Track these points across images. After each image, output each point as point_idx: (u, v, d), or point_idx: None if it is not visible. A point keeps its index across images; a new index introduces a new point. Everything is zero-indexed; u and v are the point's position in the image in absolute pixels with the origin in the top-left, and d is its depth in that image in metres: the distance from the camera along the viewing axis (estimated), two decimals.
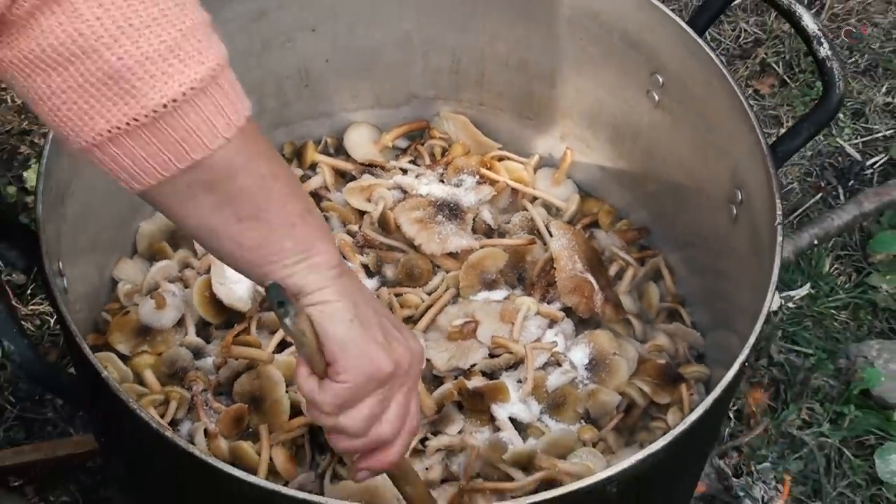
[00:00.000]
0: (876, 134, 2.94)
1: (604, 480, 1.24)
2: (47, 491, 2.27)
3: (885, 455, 2.43)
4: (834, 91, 1.56)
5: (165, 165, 0.99)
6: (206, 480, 1.24)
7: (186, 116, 0.97)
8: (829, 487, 2.38)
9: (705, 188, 1.70)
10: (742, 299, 1.60)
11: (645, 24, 1.69)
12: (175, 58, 0.95)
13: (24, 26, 0.92)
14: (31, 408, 2.40)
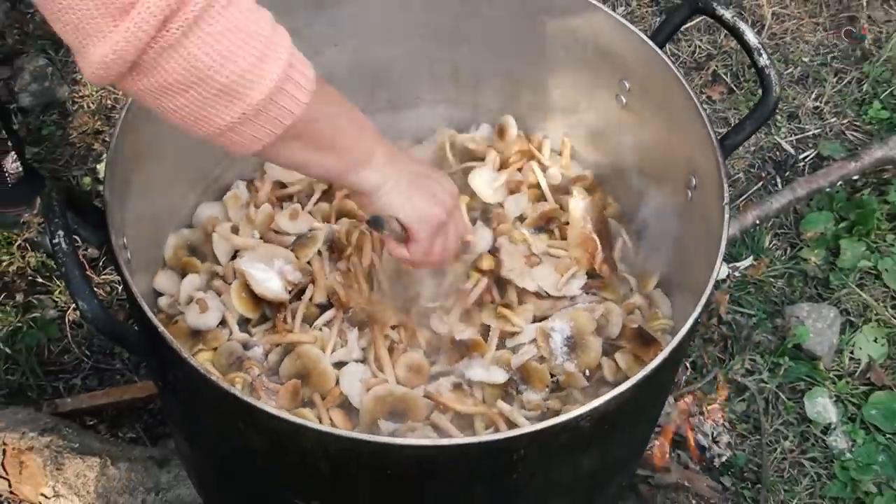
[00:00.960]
0: (807, 133, 2.93)
1: (577, 417, 1.23)
2: (116, 428, 2.29)
3: (813, 398, 2.43)
4: (771, 94, 1.55)
5: (268, 135, 1.13)
6: (244, 417, 1.24)
7: (278, 99, 1.10)
8: (766, 425, 2.38)
9: (666, 175, 1.69)
10: (696, 268, 1.59)
11: (615, 39, 1.67)
12: (263, 63, 1.07)
13: (151, 67, 1.03)
14: (102, 360, 2.41)
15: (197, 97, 1.06)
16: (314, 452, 1.26)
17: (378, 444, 1.21)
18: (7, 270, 2.52)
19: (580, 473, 1.43)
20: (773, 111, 1.57)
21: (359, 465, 1.27)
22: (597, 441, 1.35)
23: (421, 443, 1.20)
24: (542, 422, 1.22)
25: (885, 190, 2.78)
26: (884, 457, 2.35)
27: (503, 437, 1.22)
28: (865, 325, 2.55)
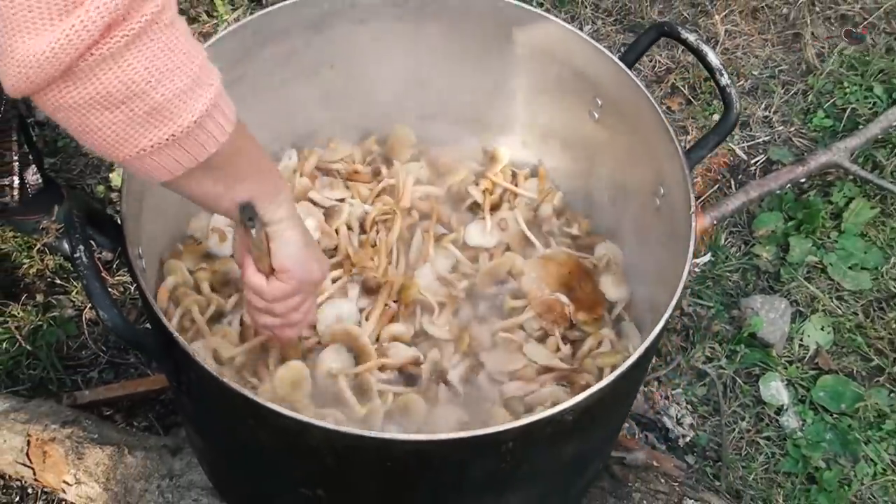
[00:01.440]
0: (757, 139, 2.92)
1: (561, 411, 1.22)
2: (131, 418, 2.26)
3: (767, 382, 2.43)
4: (732, 110, 1.54)
5: (190, 161, 1.03)
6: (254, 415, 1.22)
7: (206, 125, 1.01)
8: (725, 407, 2.37)
9: (635, 184, 1.67)
10: (662, 265, 1.59)
11: (588, 60, 1.66)
12: (198, 87, 0.98)
13: (86, 76, 0.91)
14: (117, 355, 2.38)
15: (127, 114, 0.95)
16: (320, 447, 1.24)
17: (380, 440, 1.20)
18: (28, 273, 2.48)
19: (563, 460, 1.42)
20: (734, 126, 1.56)
21: (361, 458, 1.25)
22: (578, 432, 1.34)
23: (419, 438, 1.18)
24: (528, 417, 1.21)
25: (829, 191, 2.78)
26: (831, 435, 2.36)
27: (493, 431, 1.20)
28: (813, 314, 2.55)
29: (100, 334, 2.40)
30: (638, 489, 1.86)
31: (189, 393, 1.36)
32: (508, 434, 1.21)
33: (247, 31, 1.59)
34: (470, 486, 1.33)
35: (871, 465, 2.32)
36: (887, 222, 2.75)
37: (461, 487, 1.34)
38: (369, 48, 1.76)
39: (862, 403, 2.39)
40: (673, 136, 1.52)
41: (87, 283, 1.19)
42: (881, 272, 2.66)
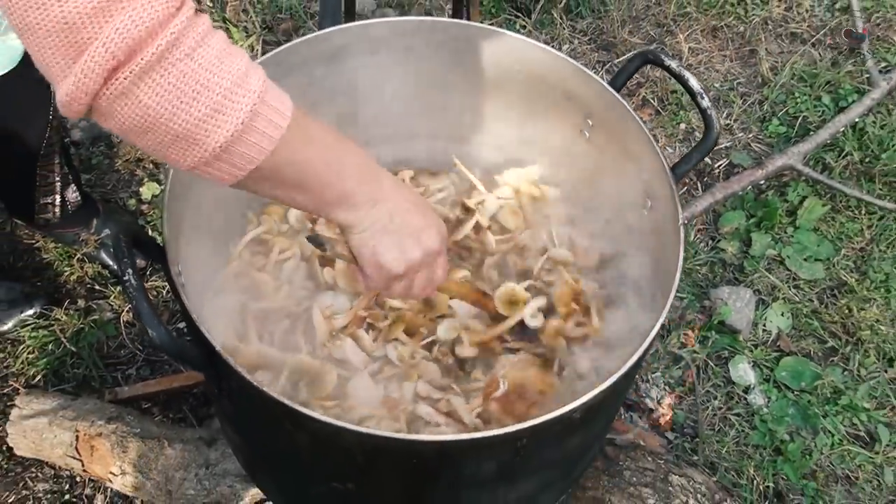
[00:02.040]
0: (720, 146, 2.90)
1: (571, 410, 1.19)
2: (167, 410, 2.22)
3: (735, 364, 2.42)
4: (713, 130, 1.50)
5: (234, 175, 0.98)
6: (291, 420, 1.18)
7: (238, 146, 0.95)
8: (699, 388, 2.35)
9: (623, 196, 1.64)
10: (646, 271, 1.56)
11: (580, 84, 1.62)
12: (219, 115, 0.92)
13: (108, 111, 0.89)
14: (153, 353, 2.35)
15: (156, 140, 0.92)
16: (352, 448, 1.20)
17: (406, 441, 1.17)
18: (69, 280, 2.43)
19: (569, 450, 1.39)
20: (714, 144, 1.52)
21: (389, 457, 1.22)
22: (583, 425, 1.32)
23: (443, 438, 1.15)
24: (541, 416, 1.18)
25: (784, 191, 2.76)
26: (793, 410, 2.34)
27: (510, 430, 1.16)
28: (774, 302, 2.53)
29: (136, 334, 2.35)
30: (628, 467, 1.84)
31: (230, 398, 1.32)
32: (523, 432, 1.17)
33: (270, 64, 1.54)
34: (486, 477, 1.30)
35: (829, 437, 2.31)
36: (836, 218, 2.73)
37: (478, 479, 1.30)
38: (379, 76, 1.72)
39: (820, 381, 2.38)
40: (660, 154, 1.49)
41: (136, 304, 1.15)
42: (832, 263, 2.64)
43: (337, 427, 1.15)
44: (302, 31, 2.99)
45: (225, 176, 0.98)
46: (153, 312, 1.15)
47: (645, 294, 1.55)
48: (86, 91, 0.86)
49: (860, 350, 2.46)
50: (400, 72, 1.73)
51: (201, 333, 1.22)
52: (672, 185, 1.44)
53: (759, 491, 2.18)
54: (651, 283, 1.53)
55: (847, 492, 2.24)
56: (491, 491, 1.36)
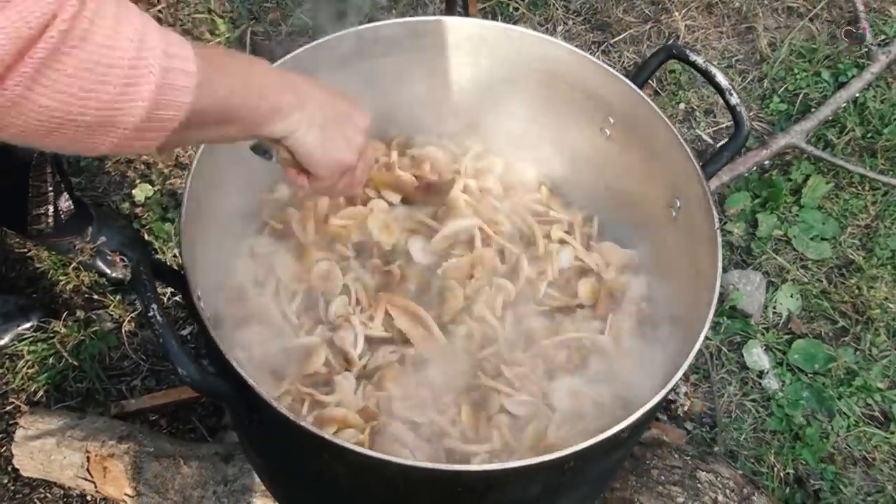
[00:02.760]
0: (721, 125, 2.86)
1: (618, 431, 1.16)
2: (176, 422, 2.17)
3: (749, 349, 2.39)
4: (743, 128, 1.47)
5: (157, 138, 0.90)
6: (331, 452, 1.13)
7: (158, 113, 0.87)
8: (714, 374, 2.33)
9: (648, 196, 1.59)
10: (681, 278, 1.52)
11: (599, 82, 1.57)
12: (130, 87, 0.83)
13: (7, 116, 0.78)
14: (157, 362, 2.28)
15: (66, 137, 0.82)
16: (395, 478, 1.16)
17: (454, 472, 1.13)
18: (65, 289, 2.36)
19: (610, 464, 1.36)
20: (744, 142, 1.49)
21: (433, 486, 1.18)
22: (625, 441, 1.28)
23: (492, 468, 1.11)
24: (589, 440, 1.15)
25: (788, 170, 2.72)
26: (808, 392, 2.33)
27: (560, 455, 1.13)
28: (783, 284, 2.51)
29: (139, 344, 2.29)
30: (655, 465, 1.81)
31: (261, 427, 1.27)
32: (572, 456, 1.14)
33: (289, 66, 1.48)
34: (530, 499, 1.27)
35: (844, 419, 2.30)
36: (840, 195, 2.71)
37: (522, 500, 1.27)
38: (391, 78, 1.65)
39: (833, 363, 2.36)
40: (689, 153, 1.44)
41: (163, 341, 1.10)
42: (839, 241, 2.62)
43: (381, 461, 1.10)
44: (290, 20, 2.90)
45: (148, 143, 0.90)
46: (183, 350, 1.09)
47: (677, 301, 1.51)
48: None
49: (871, 329, 2.45)
50: (411, 73, 1.67)
51: (231, 366, 1.16)
52: (706, 188, 1.40)
53: (779, 478, 2.17)
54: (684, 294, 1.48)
55: (865, 473, 2.23)
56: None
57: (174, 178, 2.58)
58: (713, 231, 1.35)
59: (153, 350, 2.29)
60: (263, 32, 2.88)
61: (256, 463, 1.56)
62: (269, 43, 2.87)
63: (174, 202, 2.52)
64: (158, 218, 2.49)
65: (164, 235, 2.45)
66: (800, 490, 2.18)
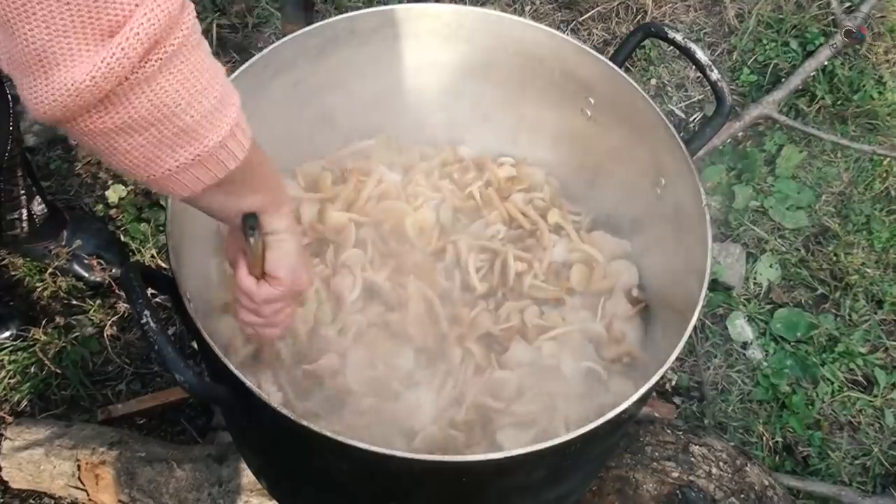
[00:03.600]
0: (693, 99, 2.87)
1: (621, 412, 1.16)
2: (164, 424, 2.15)
3: (733, 321, 2.42)
4: (725, 103, 1.46)
5: (211, 178, 0.94)
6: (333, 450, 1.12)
7: (228, 144, 0.91)
8: (699, 348, 2.35)
9: (633, 176, 1.59)
10: (668, 256, 1.53)
11: (579, 63, 1.56)
12: (223, 106, 0.89)
13: (120, 102, 0.81)
14: (141, 365, 2.26)
15: (156, 136, 0.85)
16: (399, 472, 1.16)
17: (462, 462, 1.12)
18: (43, 296, 2.32)
19: (612, 444, 1.37)
20: (727, 118, 1.48)
21: (439, 477, 1.18)
22: (625, 423, 1.29)
23: (498, 456, 1.11)
24: (592, 423, 1.15)
25: (762, 141, 2.75)
26: (791, 361, 2.36)
27: (564, 440, 1.13)
28: (762, 254, 2.53)
29: (122, 348, 2.26)
30: (649, 442, 1.82)
31: (259, 428, 1.26)
32: (577, 439, 1.14)
33: (258, 65, 1.45)
34: (534, 483, 1.27)
35: (828, 385, 2.33)
36: (814, 164, 2.73)
37: (526, 486, 1.27)
38: (368, 68, 1.64)
39: (815, 331, 2.39)
40: (672, 131, 1.44)
41: (159, 348, 1.08)
42: (814, 209, 2.65)
43: (386, 456, 1.10)
44: (255, 12, 2.86)
45: (196, 182, 0.93)
46: (180, 357, 1.08)
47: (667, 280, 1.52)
48: (118, 74, 0.77)
49: (849, 295, 2.48)
50: (388, 62, 1.65)
51: (228, 368, 1.15)
52: (691, 165, 1.40)
53: (768, 447, 2.19)
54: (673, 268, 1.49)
55: (851, 437, 2.27)
56: (536, 493, 1.33)
57: None
58: (700, 208, 1.35)
59: (137, 353, 2.26)
60: (229, 25, 2.85)
61: (254, 464, 1.55)
62: (236, 36, 2.84)
63: (149, 202, 2.49)
64: (134, 219, 2.46)
65: (141, 236, 2.42)
66: (789, 457, 2.21)
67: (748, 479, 1.81)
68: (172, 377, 1.07)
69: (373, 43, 1.59)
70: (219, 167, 0.93)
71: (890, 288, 2.49)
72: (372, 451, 1.10)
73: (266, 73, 1.49)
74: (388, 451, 1.10)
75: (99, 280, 2.31)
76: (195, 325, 1.18)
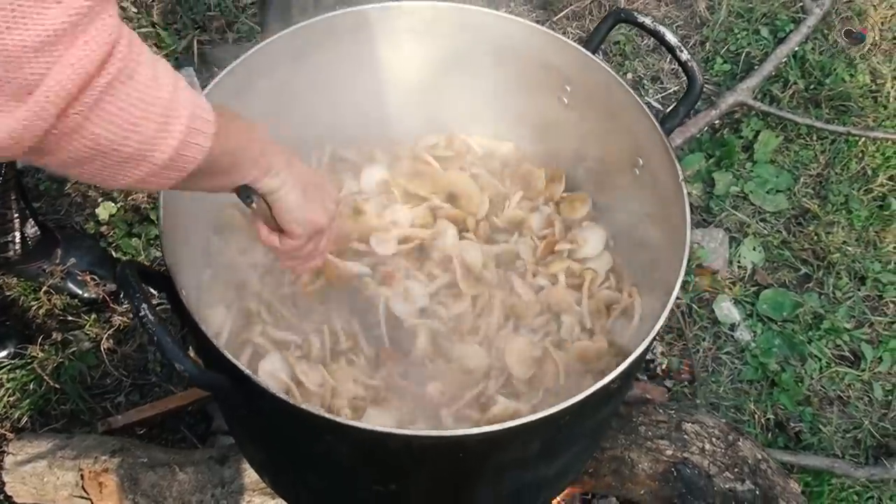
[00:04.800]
0: (669, 90, 2.92)
1: (609, 381, 1.19)
2: (165, 433, 2.17)
3: (719, 304, 2.45)
4: (696, 83, 1.51)
5: (175, 178, 0.98)
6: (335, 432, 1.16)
7: (183, 152, 0.95)
8: (687, 332, 2.38)
9: (610, 157, 1.64)
10: (651, 234, 1.56)
11: (554, 52, 1.60)
12: (167, 126, 0.92)
13: (54, 149, 0.84)
14: (139, 376, 2.28)
15: (103, 164, 0.89)
16: (398, 451, 1.19)
17: (456, 437, 1.15)
18: (38, 314, 2.34)
19: (603, 417, 1.40)
20: (698, 97, 1.53)
21: (437, 454, 1.21)
22: (615, 393, 1.32)
23: (493, 429, 1.13)
24: (582, 392, 1.18)
25: (738, 127, 2.80)
26: (779, 340, 2.39)
27: (554, 411, 1.16)
28: (745, 238, 2.57)
29: (119, 360, 2.28)
30: (642, 422, 1.85)
31: (260, 417, 1.28)
32: (567, 410, 1.17)
33: (242, 68, 1.49)
34: (530, 457, 1.30)
35: (816, 361, 2.37)
36: (790, 147, 2.78)
37: (523, 460, 1.30)
38: (349, 67, 1.67)
39: (800, 309, 2.43)
40: (647, 112, 1.49)
41: (158, 338, 1.11)
42: (793, 192, 2.69)
43: (385, 434, 1.13)
44: (235, 26, 2.90)
45: (164, 183, 0.97)
46: (179, 347, 1.10)
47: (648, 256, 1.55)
48: (35, 131, 0.80)
49: (832, 273, 2.52)
50: (366, 60, 1.69)
51: (228, 359, 1.18)
52: (667, 143, 1.44)
53: (761, 424, 2.23)
54: (654, 244, 1.53)
55: (842, 411, 2.31)
56: (534, 467, 1.36)
57: (136, 194, 2.56)
58: (678, 184, 1.39)
59: (134, 365, 2.28)
60: (210, 41, 2.88)
61: (255, 458, 1.58)
62: (217, 50, 2.87)
63: (139, 217, 2.51)
64: (125, 234, 2.48)
65: (132, 251, 2.44)
66: (781, 433, 2.24)
67: (741, 454, 1.85)
68: (172, 368, 1.10)
69: (351, 42, 1.63)
70: (178, 170, 0.96)
71: (871, 265, 2.54)
72: (370, 430, 1.13)
73: (250, 76, 1.52)
74: (386, 430, 1.14)
75: (94, 296, 2.33)
76: (191, 316, 1.21)
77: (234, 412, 1.41)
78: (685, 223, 1.36)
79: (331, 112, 1.73)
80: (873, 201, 2.68)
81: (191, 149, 0.96)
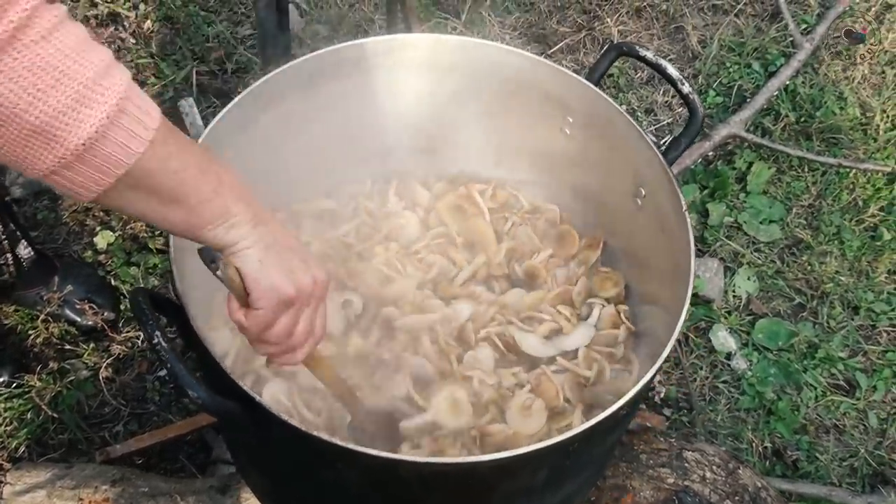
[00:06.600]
0: (662, 122, 2.95)
1: (618, 409, 1.20)
2: (163, 462, 2.16)
3: (715, 332, 2.47)
4: (698, 114, 1.54)
5: (98, 182, 0.89)
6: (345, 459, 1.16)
7: (104, 146, 0.87)
8: (684, 360, 2.40)
9: (613, 189, 1.66)
10: (652, 263, 1.58)
11: (556, 84, 1.63)
12: (82, 107, 0.84)
13: None
14: (137, 405, 2.27)
15: (9, 136, 0.82)
16: (409, 478, 1.19)
17: (469, 464, 1.16)
18: (35, 342, 2.33)
19: (608, 446, 1.41)
20: (700, 128, 1.56)
21: (447, 481, 1.21)
22: (624, 419, 1.33)
23: (504, 455, 1.14)
24: (592, 419, 1.19)
25: (731, 159, 2.83)
26: (775, 369, 2.41)
27: (565, 438, 1.17)
28: (740, 267, 2.60)
29: (118, 390, 2.27)
30: (643, 450, 1.86)
31: (269, 445, 1.29)
32: (576, 437, 1.18)
33: (249, 98, 1.51)
34: (537, 485, 1.31)
35: (812, 390, 2.38)
36: (783, 179, 2.82)
37: (529, 489, 1.31)
38: (353, 98, 1.69)
39: (795, 339, 2.45)
40: (650, 143, 1.51)
41: (171, 366, 1.11)
42: (786, 222, 2.73)
43: (397, 461, 1.14)
44: (234, 58, 2.92)
45: (89, 183, 0.89)
46: (192, 374, 1.11)
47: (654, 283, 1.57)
48: None
49: (826, 303, 2.55)
50: (372, 91, 1.71)
51: (240, 388, 1.18)
52: (669, 173, 1.47)
53: (758, 452, 2.24)
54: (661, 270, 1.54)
55: (838, 440, 2.32)
56: (540, 496, 1.36)
57: (135, 223, 2.57)
58: (681, 213, 1.41)
59: (132, 394, 2.27)
60: (208, 72, 2.90)
61: (259, 486, 1.57)
62: (215, 81, 2.89)
63: (137, 246, 2.52)
64: (123, 263, 2.48)
65: (131, 280, 2.44)
66: (779, 462, 2.25)
67: (741, 482, 1.86)
68: (170, 396, 1.10)
69: (357, 74, 1.65)
70: (101, 170, 0.89)
71: (864, 294, 2.57)
72: (382, 457, 1.13)
73: (257, 107, 1.54)
74: (398, 457, 1.15)
75: (91, 324, 2.32)
76: (202, 343, 1.21)
77: (241, 439, 1.40)
78: (689, 252, 1.37)
79: (335, 143, 1.75)
80: (865, 231, 2.71)
81: (114, 146, 0.88)
